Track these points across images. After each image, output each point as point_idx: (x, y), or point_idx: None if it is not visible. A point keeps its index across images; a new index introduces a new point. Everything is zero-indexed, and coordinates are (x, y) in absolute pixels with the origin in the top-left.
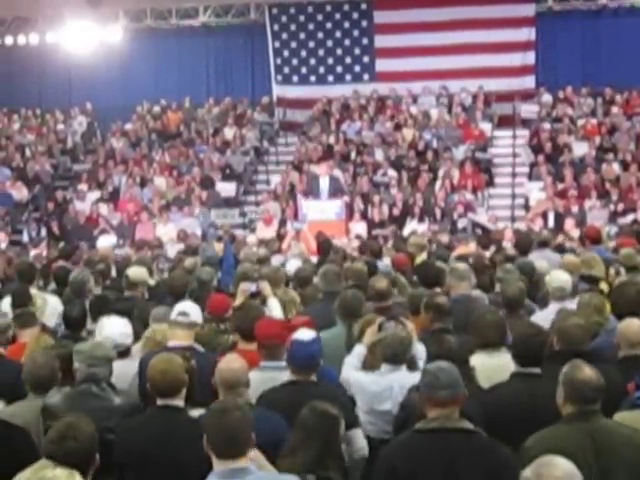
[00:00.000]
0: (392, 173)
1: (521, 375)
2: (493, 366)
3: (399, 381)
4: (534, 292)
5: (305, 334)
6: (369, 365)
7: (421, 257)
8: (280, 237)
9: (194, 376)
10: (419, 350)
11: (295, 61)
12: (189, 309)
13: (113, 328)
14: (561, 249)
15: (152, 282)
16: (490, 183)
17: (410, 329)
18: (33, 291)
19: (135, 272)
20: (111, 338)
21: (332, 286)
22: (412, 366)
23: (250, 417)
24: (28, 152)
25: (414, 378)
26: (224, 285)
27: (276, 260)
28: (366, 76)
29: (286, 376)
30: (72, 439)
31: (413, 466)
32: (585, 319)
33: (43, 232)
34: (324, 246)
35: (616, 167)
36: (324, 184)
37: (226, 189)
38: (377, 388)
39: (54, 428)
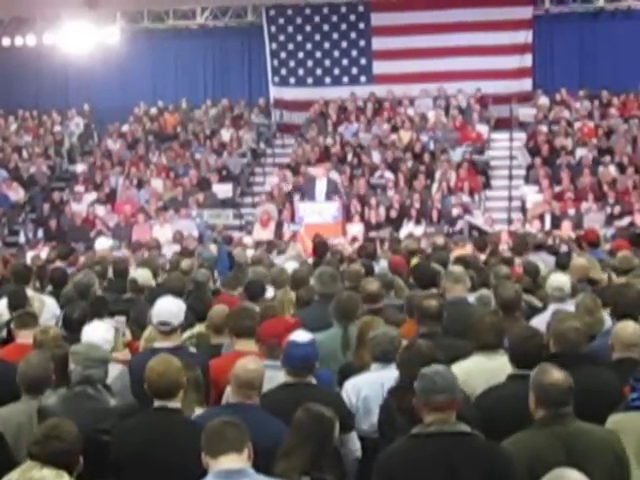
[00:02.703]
0: (389, 175)
1: (518, 377)
2: (491, 368)
3: (389, 379)
4: (537, 292)
5: (301, 335)
6: (359, 364)
7: (415, 260)
8: (277, 238)
9: (201, 379)
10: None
11: (292, 63)
12: (168, 317)
13: (94, 333)
14: (554, 251)
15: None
16: (487, 185)
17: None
18: (30, 293)
19: (142, 276)
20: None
21: (327, 288)
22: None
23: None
24: (25, 153)
25: None
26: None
27: (278, 261)
28: (363, 78)
29: (284, 375)
30: (57, 439)
31: (412, 472)
32: (580, 321)
33: (40, 233)
34: (320, 248)
35: (613, 170)
36: (321, 186)
37: (223, 190)
38: (368, 387)
39: (38, 430)
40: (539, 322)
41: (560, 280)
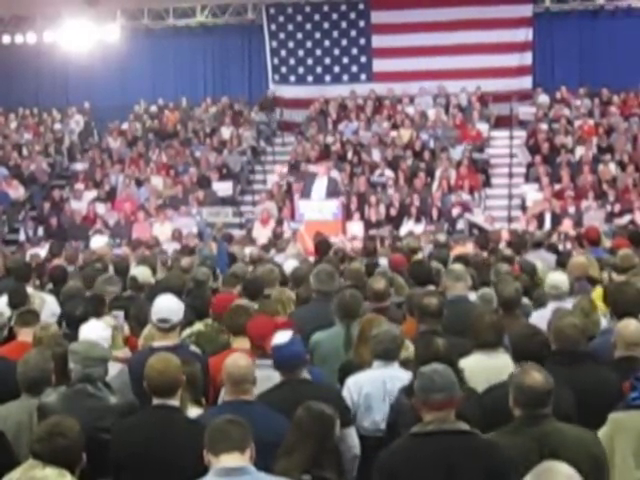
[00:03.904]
0: (389, 173)
1: None
2: (491, 367)
3: (391, 377)
4: (534, 291)
5: (282, 337)
6: (359, 362)
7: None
8: (276, 237)
9: (197, 378)
10: None
11: (292, 61)
12: (168, 314)
13: (90, 332)
14: (555, 249)
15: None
16: (487, 184)
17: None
18: (30, 290)
19: (142, 273)
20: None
21: (324, 286)
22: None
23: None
24: (25, 151)
25: (406, 376)
26: None
27: (278, 259)
28: (363, 76)
29: (277, 374)
30: (60, 436)
31: (412, 470)
32: (579, 318)
33: (40, 231)
34: (322, 246)
35: (613, 168)
36: (321, 184)
37: (223, 188)
38: (370, 384)
39: (41, 427)
40: (539, 320)
41: (557, 278)
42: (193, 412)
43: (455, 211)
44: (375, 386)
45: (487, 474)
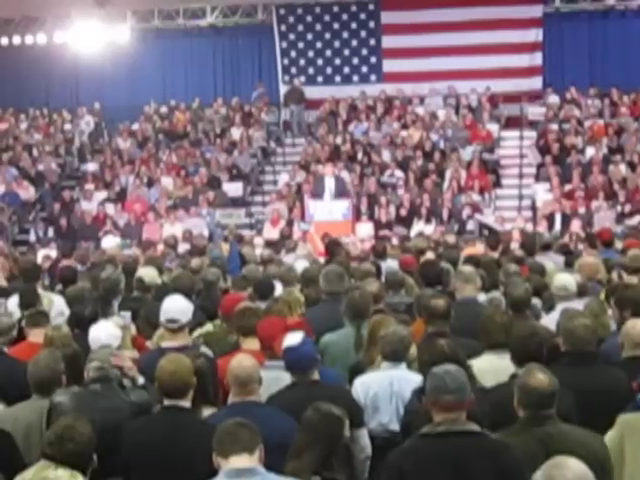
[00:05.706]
0: (399, 174)
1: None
2: (501, 367)
3: (399, 378)
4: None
5: (293, 338)
6: (369, 362)
7: (424, 258)
8: (284, 237)
9: (206, 376)
10: None
11: (302, 61)
12: (176, 314)
13: (100, 333)
14: (566, 251)
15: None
16: (497, 184)
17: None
18: (39, 291)
19: (149, 275)
20: (97, 339)
21: (333, 286)
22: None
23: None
24: (35, 152)
25: (415, 377)
26: None
27: (288, 259)
28: (373, 77)
29: (289, 375)
30: (70, 441)
31: (421, 471)
32: (590, 318)
33: (50, 232)
34: (331, 247)
35: (623, 168)
36: (330, 185)
37: (233, 189)
38: (377, 385)
39: (52, 430)
40: (549, 321)
41: (565, 279)
42: (207, 413)
43: (465, 212)
44: (382, 387)
45: (497, 475)
